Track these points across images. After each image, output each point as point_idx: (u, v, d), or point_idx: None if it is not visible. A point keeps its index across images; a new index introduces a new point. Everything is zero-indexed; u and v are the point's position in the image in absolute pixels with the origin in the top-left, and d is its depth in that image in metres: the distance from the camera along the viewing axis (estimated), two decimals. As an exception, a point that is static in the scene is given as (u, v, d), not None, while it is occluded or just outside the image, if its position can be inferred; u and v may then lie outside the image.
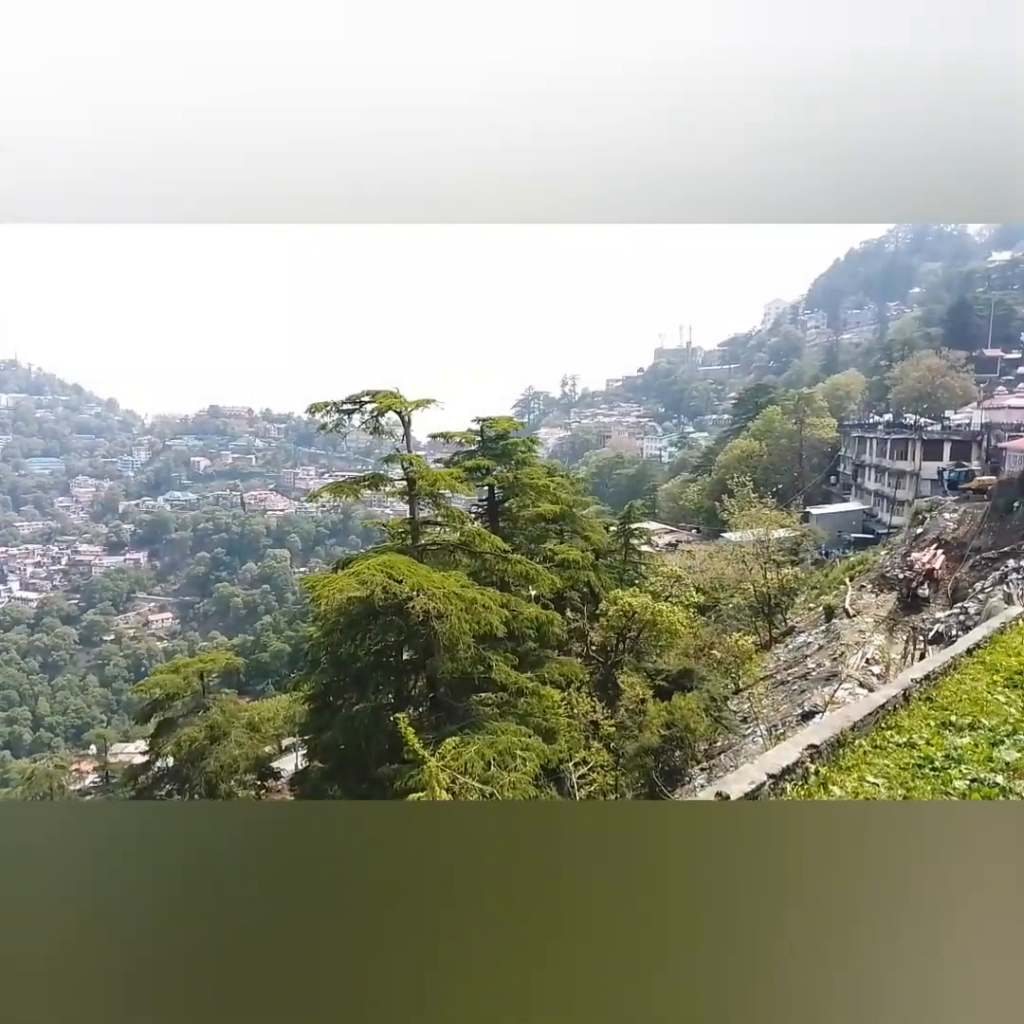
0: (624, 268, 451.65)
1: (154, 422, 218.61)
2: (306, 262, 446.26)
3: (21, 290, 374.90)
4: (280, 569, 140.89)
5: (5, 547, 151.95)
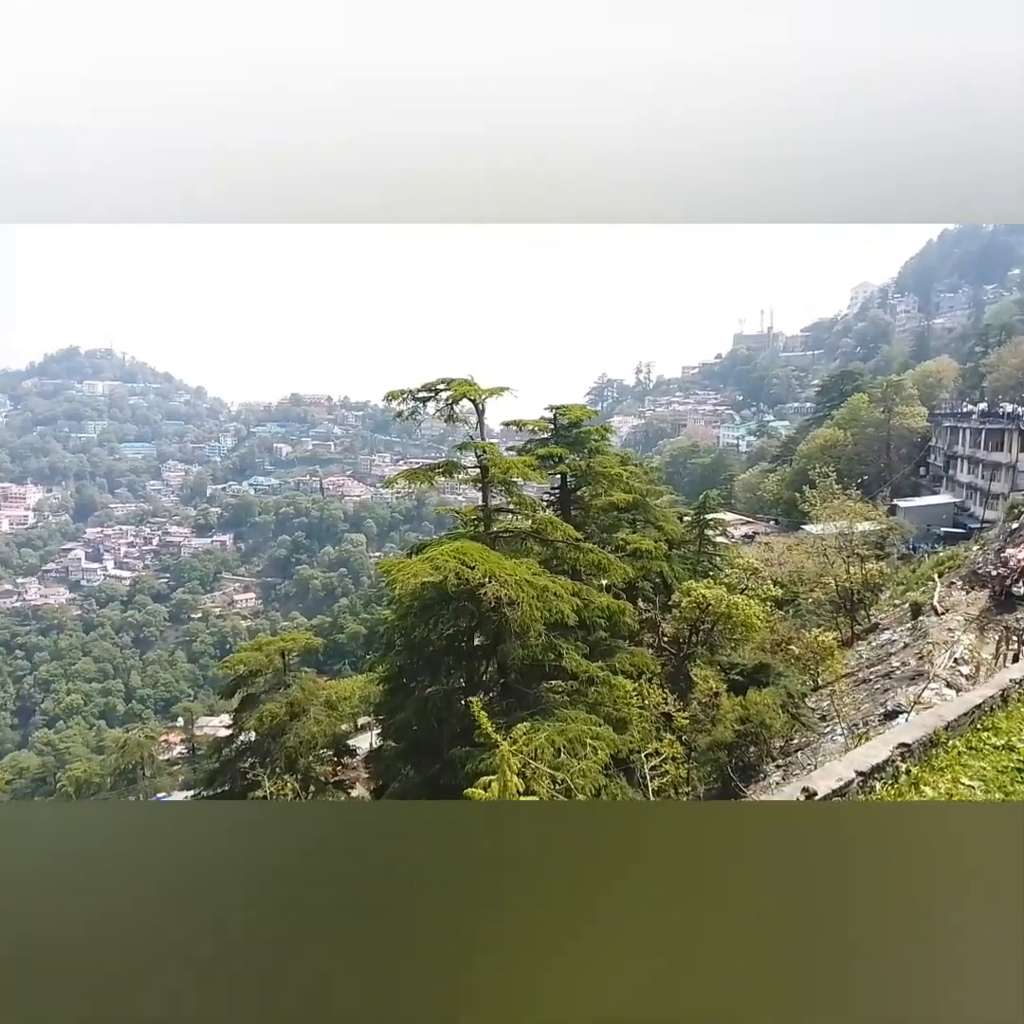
0: (704, 253, 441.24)
1: (239, 409, 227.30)
2: (383, 256, 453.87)
3: (117, 284, 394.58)
4: (356, 553, 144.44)
5: (101, 528, 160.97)
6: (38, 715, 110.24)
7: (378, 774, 24.54)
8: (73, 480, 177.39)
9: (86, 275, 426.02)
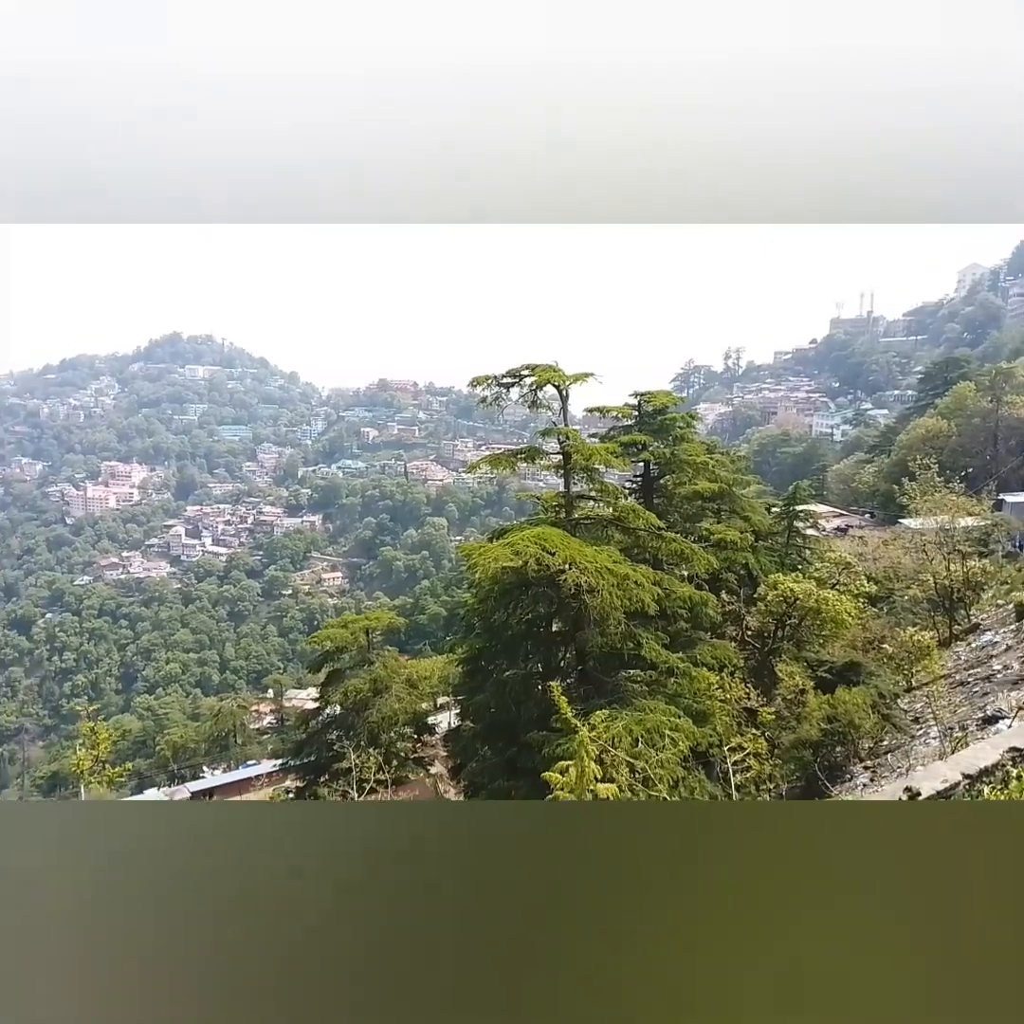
0: (799, 235, 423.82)
1: (330, 394, 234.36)
2: (471, 246, 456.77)
3: (218, 274, 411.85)
4: (438, 536, 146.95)
5: (200, 506, 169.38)
6: (140, 682, 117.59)
7: (456, 753, 25.00)
8: (175, 460, 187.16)
9: (190, 266, 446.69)
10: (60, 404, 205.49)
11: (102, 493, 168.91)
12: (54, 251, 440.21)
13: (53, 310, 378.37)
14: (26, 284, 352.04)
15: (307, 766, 27.73)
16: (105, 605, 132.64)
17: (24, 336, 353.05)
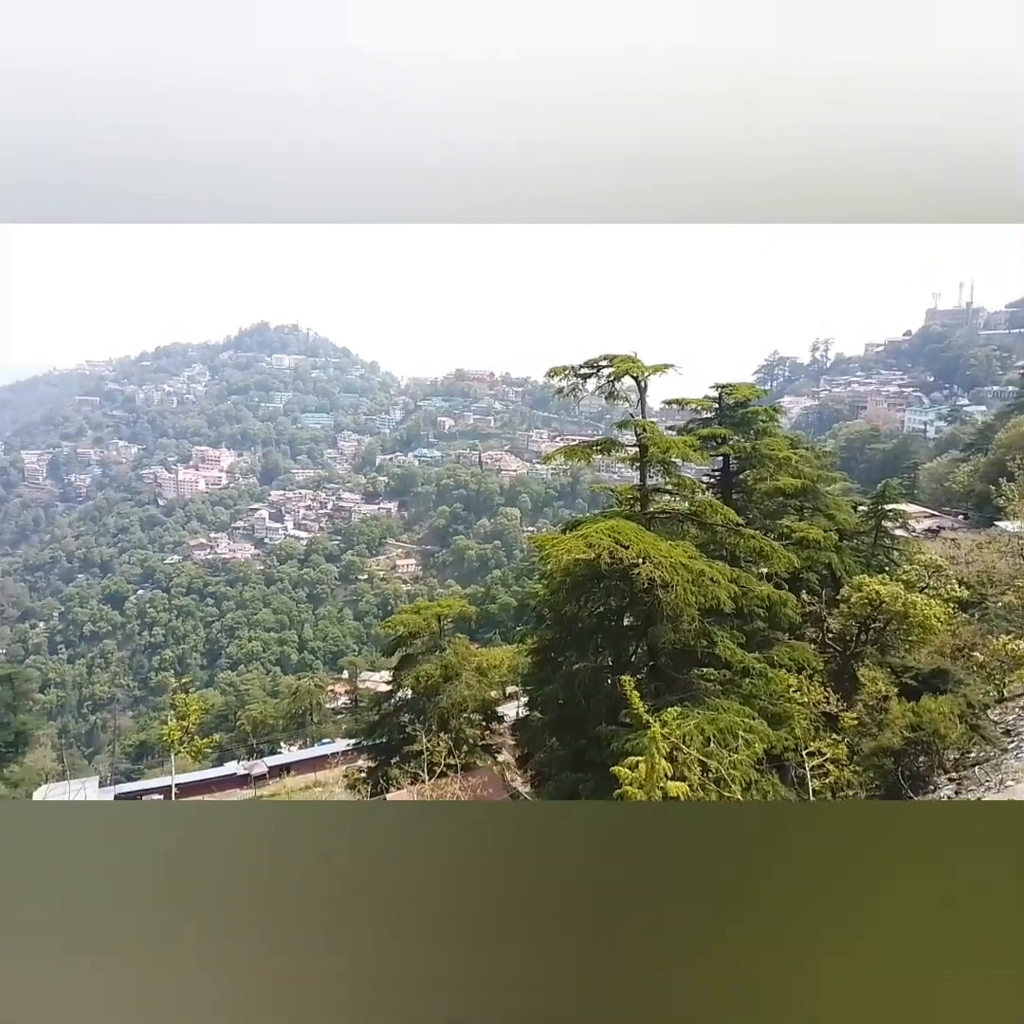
0: (894, 225, 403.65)
1: (408, 384, 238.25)
2: (552, 240, 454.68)
3: (304, 266, 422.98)
4: (510, 527, 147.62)
5: (283, 491, 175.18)
6: (223, 658, 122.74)
7: (524, 742, 25.13)
8: (261, 446, 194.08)
9: (279, 259, 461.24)
10: (155, 390, 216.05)
11: (192, 476, 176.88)
12: (152, 246, 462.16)
13: (150, 300, 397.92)
14: (126, 277, 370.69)
15: (379, 747, 28.39)
16: (193, 583, 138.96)
17: (123, 324, 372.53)
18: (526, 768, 25.04)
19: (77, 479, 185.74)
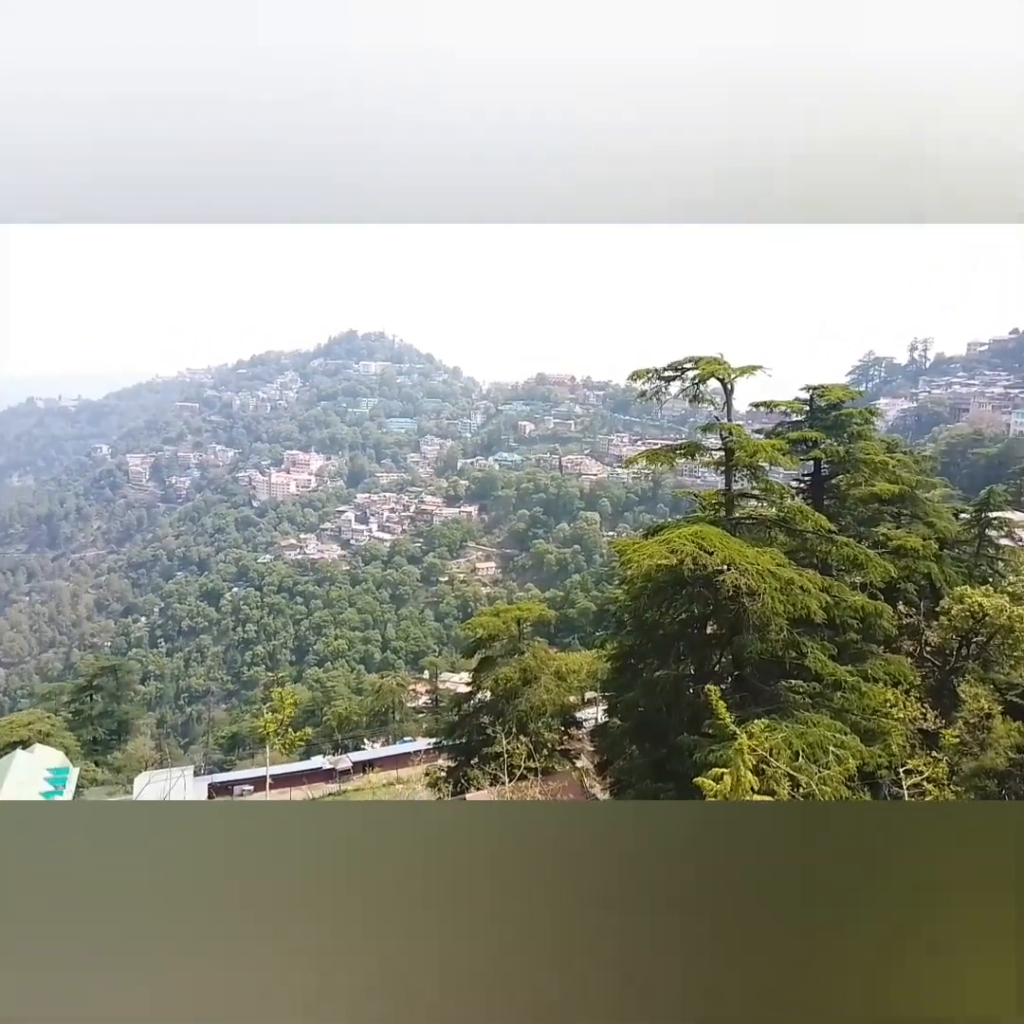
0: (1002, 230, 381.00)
1: (490, 388, 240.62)
2: (635, 242, 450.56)
3: (390, 274, 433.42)
4: (590, 531, 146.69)
5: (368, 494, 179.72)
6: (311, 655, 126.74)
7: (603, 749, 24.88)
8: (348, 450, 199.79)
9: (365, 268, 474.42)
10: (250, 396, 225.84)
11: (284, 479, 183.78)
12: (249, 258, 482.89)
13: (247, 311, 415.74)
14: (226, 288, 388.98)
15: (458, 747, 28.68)
16: (283, 582, 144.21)
17: (222, 334, 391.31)
18: (605, 775, 24.79)
19: (177, 481, 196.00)
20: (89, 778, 48.21)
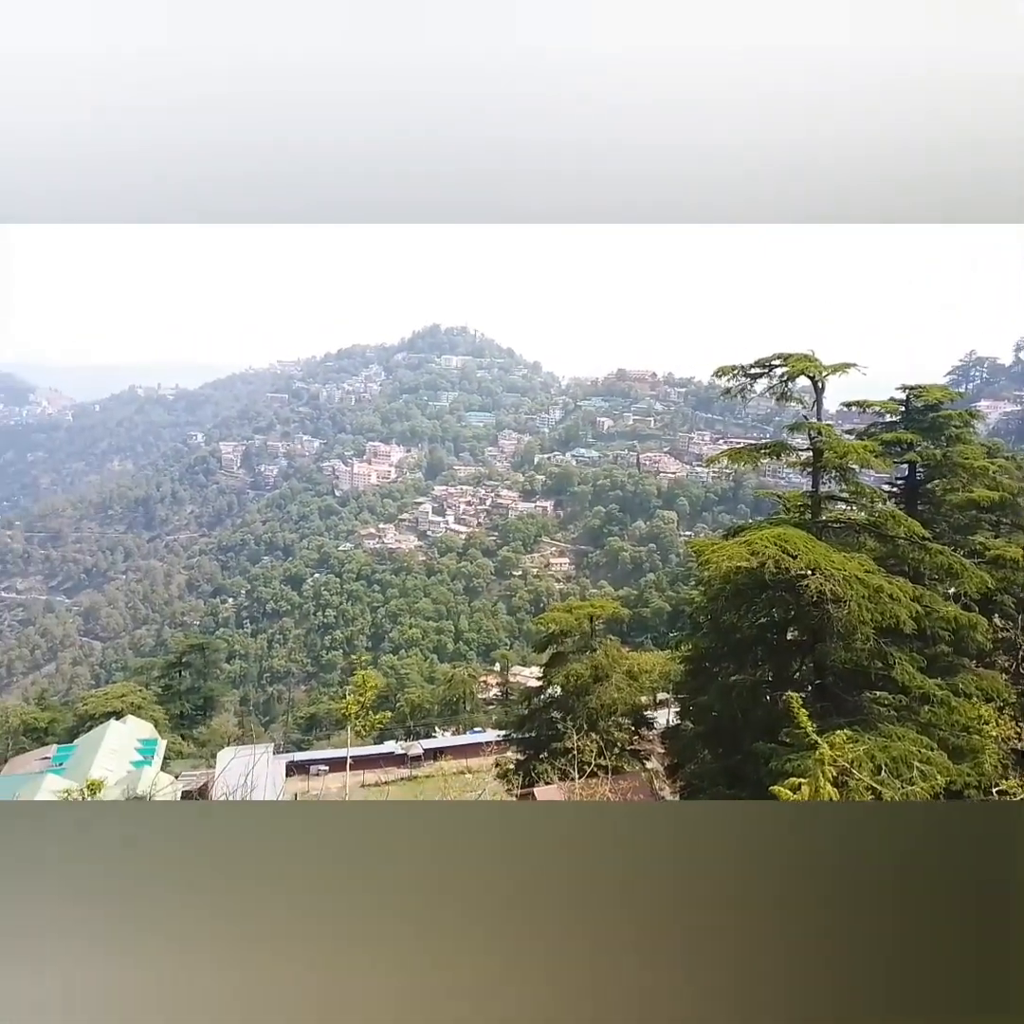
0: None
1: (569, 384, 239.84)
2: (717, 237, 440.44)
3: (473, 269, 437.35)
4: (667, 530, 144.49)
5: (446, 486, 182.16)
6: (386, 642, 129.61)
7: (674, 751, 24.56)
8: (427, 443, 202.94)
9: (450, 263, 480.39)
10: (336, 388, 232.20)
11: (365, 470, 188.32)
12: (339, 253, 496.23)
13: (337, 306, 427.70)
14: (315, 282, 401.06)
15: (527, 741, 28.85)
16: (362, 570, 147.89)
17: (312, 328, 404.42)
18: (675, 778, 24.45)
19: (266, 469, 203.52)
20: (175, 751, 50.85)
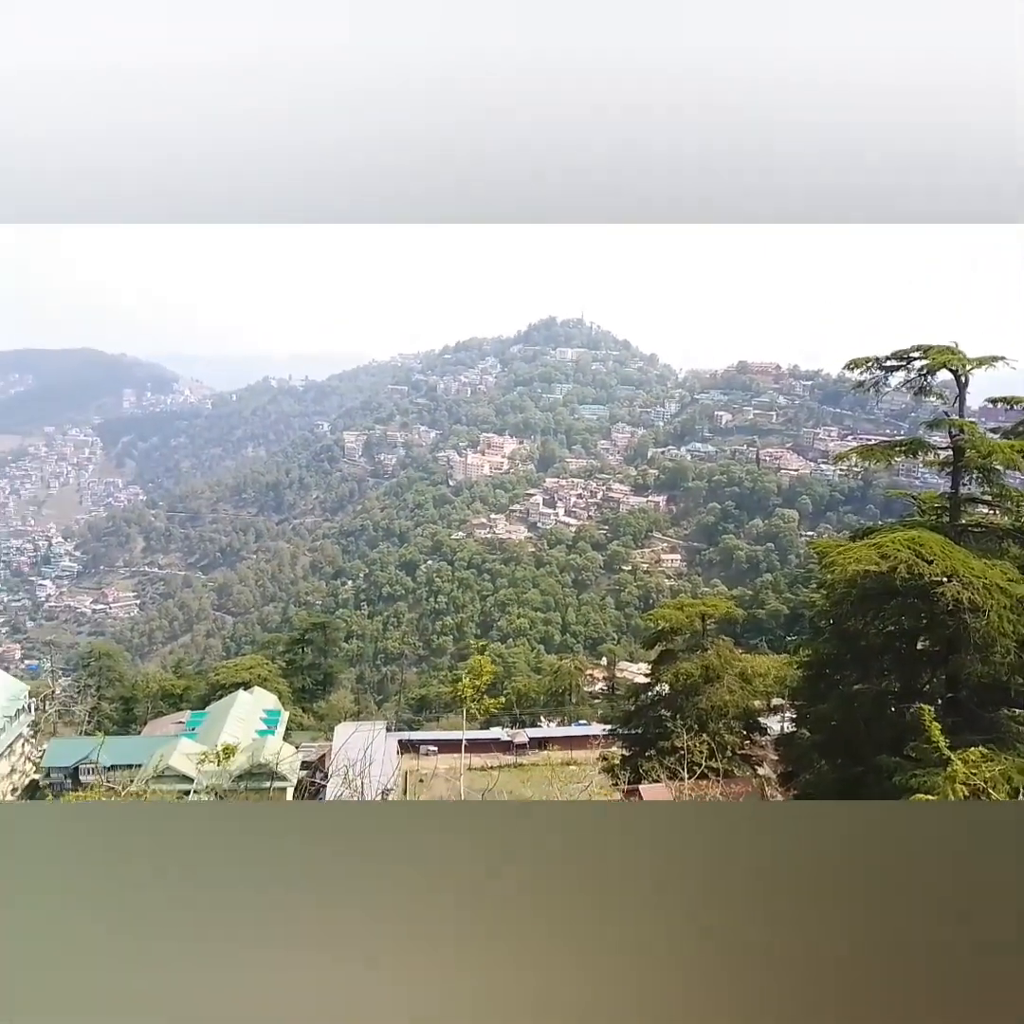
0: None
1: (686, 376, 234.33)
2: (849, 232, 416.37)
3: (587, 261, 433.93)
4: (786, 529, 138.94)
5: (557, 478, 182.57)
6: (494, 630, 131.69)
7: (788, 759, 23.70)
8: (540, 435, 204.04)
9: (566, 256, 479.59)
10: (453, 381, 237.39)
11: (479, 461, 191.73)
12: (456, 248, 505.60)
13: (455, 299, 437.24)
14: (435, 277, 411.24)
15: (633, 737, 28.64)
16: (473, 559, 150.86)
17: (432, 322, 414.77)
18: (789, 787, 23.60)
19: (385, 458, 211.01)
20: (296, 722, 53.90)
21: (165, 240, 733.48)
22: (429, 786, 36.52)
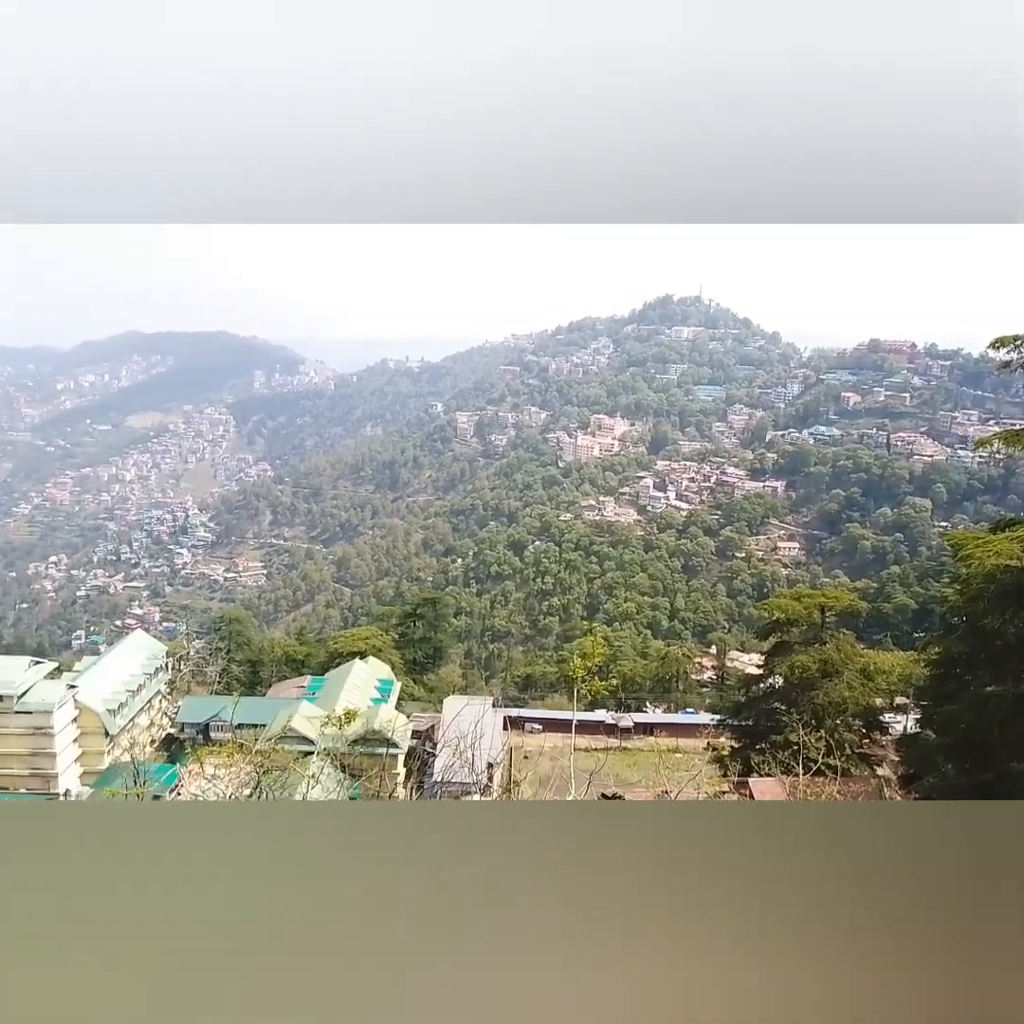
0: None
1: (811, 355, 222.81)
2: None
3: (706, 234, 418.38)
4: (918, 520, 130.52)
5: (668, 461, 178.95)
6: (600, 613, 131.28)
7: (910, 761, 22.53)
8: (652, 417, 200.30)
9: (681, 233, 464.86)
10: (564, 361, 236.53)
11: (589, 442, 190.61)
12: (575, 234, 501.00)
13: (570, 280, 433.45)
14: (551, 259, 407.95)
15: (744, 729, 28.00)
16: (581, 541, 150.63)
17: (546, 302, 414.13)
18: (910, 789, 22.42)
19: (496, 439, 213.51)
20: (407, 693, 56.04)
21: (299, 238, 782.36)
22: (536, 764, 37.10)
